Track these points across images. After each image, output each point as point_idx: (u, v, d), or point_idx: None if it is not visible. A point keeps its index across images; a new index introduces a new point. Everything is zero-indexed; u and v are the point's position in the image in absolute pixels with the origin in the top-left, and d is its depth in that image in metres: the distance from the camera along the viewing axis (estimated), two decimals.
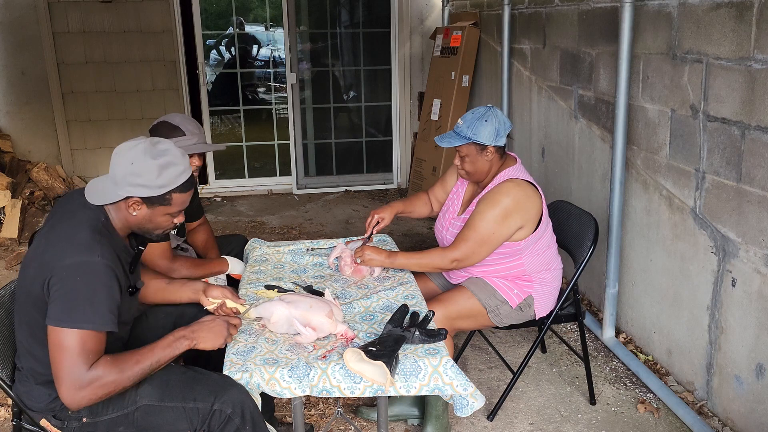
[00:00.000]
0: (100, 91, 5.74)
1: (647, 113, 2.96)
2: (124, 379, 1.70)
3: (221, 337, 1.86)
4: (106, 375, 1.67)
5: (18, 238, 4.79)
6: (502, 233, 2.35)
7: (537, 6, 4.10)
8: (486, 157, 2.40)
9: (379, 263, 2.41)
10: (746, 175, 2.36)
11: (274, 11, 6.34)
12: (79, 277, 1.67)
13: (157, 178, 1.76)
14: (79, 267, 1.68)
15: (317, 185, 6.32)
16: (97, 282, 1.68)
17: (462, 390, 1.86)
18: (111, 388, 1.69)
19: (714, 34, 2.48)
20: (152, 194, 1.78)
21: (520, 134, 4.55)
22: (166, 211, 1.84)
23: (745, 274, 2.42)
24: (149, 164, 1.75)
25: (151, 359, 1.75)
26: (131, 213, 1.81)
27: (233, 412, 1.79)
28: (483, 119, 2.35)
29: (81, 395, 1.66)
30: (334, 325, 1.95)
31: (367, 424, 2.65)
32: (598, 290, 3.56)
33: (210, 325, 1.86)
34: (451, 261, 2.39)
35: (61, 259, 1.69)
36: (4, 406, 2.79)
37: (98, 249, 1.71)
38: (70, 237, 1.73)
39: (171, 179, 1.79)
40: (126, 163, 1.76)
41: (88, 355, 1.66)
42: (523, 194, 2.37)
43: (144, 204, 1.80)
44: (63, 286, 1.67)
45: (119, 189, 1.77)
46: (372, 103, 6.38)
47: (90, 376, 1.65)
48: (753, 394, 2.42)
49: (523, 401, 2.81)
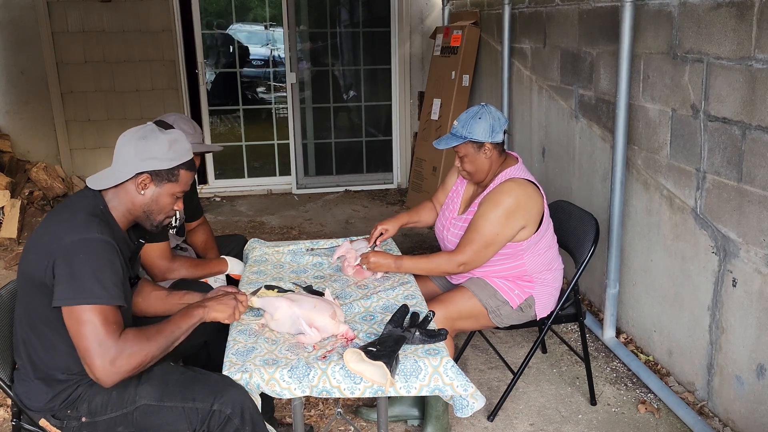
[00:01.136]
0: (99, 91, 5.74)
1: (648, 113, 2.96)
2: (152, 348, 1.73)
3: (230, 308, 1.92)
4: (136, 344, 1.70)
5: (17, 238, 4.79)
6: (506, 234, 2.35)
7: (537, 5, 4.09)
8: (485, 155, 2.39)
9: (385, 268, 2.41)
10: (747, 174, 2.36)
11: (273, 11, 6.33)
12: (81, 254, 1.69)
13: (168, 151, 1.84)
14: (79, 244, 1.69)
15: (317, 185, 6.31)
16: (100, 257, 1.70)
17: (462, 390, 1.85)
18: (141, 357, 1.70)
19: (715, 34, 2.47)
20: (164, 167, 1.83)
21: (520, 134, 4.55)
22: (172, 190, 1.88)
23: (746, 274, 2.41)
24: (160, 138, 1.83)
25: (172, 327, 1.80)
26: (139, 193, 1.84)
27: (233, 413, 1.78)
28: (477, 117, 2.36)
29: (117, 366, 1.66)
30: (336, 326, 1.95)
31: (367, 425, 2.64)
32: (598, 290, 3.55)
33: (220, 297, 1.96)
34: (458, 265, 2.38)
35: (60, 240, 1.70)
36: (4, 407, 2.79)
37: (96, 227, 1.73)
38: (67, 219, 1.76)
39: (180, 153, 1.87)
40: (136, 140, 1.83)
41: (113, 327, 1.67)
42: (524, 194, 2.36)
43: (152, 182, 1.84)
44: (66, 265, 1.67)
45: (131, 167, 1.82)
46: (372, 102, 6.38)
47: (120, 347, 1.67)
48: (754, 395, 2.42)
49: (524, 402, 2.81)
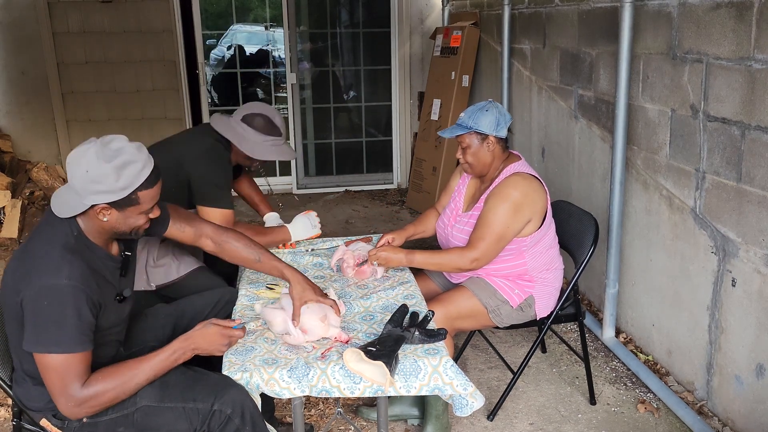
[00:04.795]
0: (100, 91, 5.74)
1: (647, 113, 2.96)
2: (121, 389, 1.73)
3: (215, 344, 1.84)
4: (103, 388, 1.70)
5: (18, 238, 4.79)
6: (515, 227, 2.37)
7: (537, 6, 4.10)
8: (487, 148, 2.42)
9: (396, 263, 2.40)
10: (746, 175, 2.36)
11: (274, 11, 6.33)
12: (46, 301, 1.65)
13: (117, 181, 1.68)
14: (45, 291, 1.65)
15: (317, 185, 6.31)
16: (64, 305, 1.65)
17: (462, 390, 1.86)
18: (110, 398, 1.72)
19: (714, 34, 2.48)
20: (117, 198, 1.70)
21: (520, 134, 4.55)
22: (137, 211, 1.77)
23: (745, 274, 2.42)
24: (104, 169, 1.67)
25: (147, 371, 1.77)
26: (102, 219, 1.74)
27: (233, 413, 1.79)
28: (484, 110, 2.41)
29: (81, 410, 1.69)
30: (326, 329, 1.95)
31: (367, 424, 2.65)
32: (598, 290, 3.55)
33: (203, 331, 1.84)
34: (471, 261, 2.38)
35: (28, 281, 1.67)
36: (4, 406, 2.79)
37: (66, 270, 1.66)
38: (40, 257, 1.70)
39: (132, 179, 1.71)
40: (81, 172, 1.68)
41: (76, 376, 1.67)
42: (530, 187, 2.39)
43: (113, 208, 1.73)
44: (32, 310, 1.65)
45: (83, 198, 1.70)
46: (372, 103, 6.38)
47: (85, 393, 1.68)
48: (753, 394, 2.42)
49: (523, 401, 2.81)
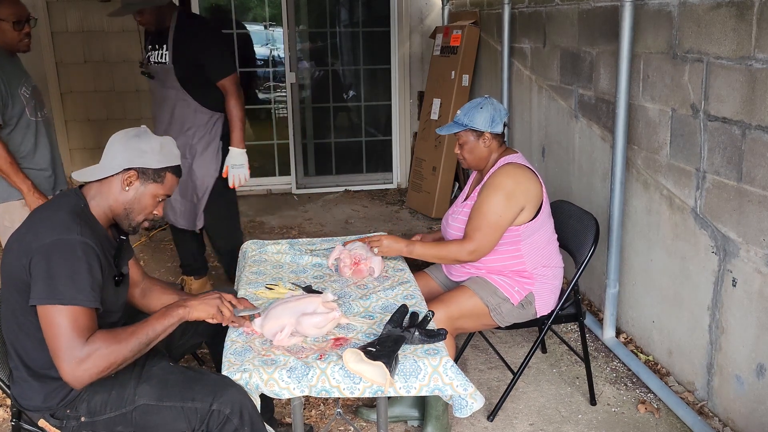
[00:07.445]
0: (98, 91, 5.73)
1: (648, 113, 2.96)
2: (122, 350, 1.71)
3: (213, 307, 1.89)
4: (104, 346, 1.68)
5: None
6: (508, 216, 2.40)
7: (537, 5, 4.09)
8: (483, 144, 2.48)
9: (396, 252, 2.46)
10: (747, 174, 2.36)
11: (273, 10, 6.32)
12: (58, 254, 1.69)
13: (159, 152, 1.87)
14: (57, 245, 1.69)
15: (317, 185, 6.31)
16: (77, 259, 1.70)
17: (462, 390, 1.85)
18: (111, 359, 1.69)
19: (714, 34, 2.47)
20: (153, 165, 1.85)
21: (520, 133, 4.55)
22: (156, 191, 1.89)
23: (746, 274, 2.41)
24: (152, 139, 1.88)
25: (146, 329, 1.78)
26: (123, 189, 1.85)
27: (232, 413, 1.78)
28: (478, 107, 2.46)
29: (82, 369, 1.66)
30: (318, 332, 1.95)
31: (367, 425, 2.64)
32: (598, 290, 3.55)
33: (202, 296, 1.94)
34: (469, 252, 2.41)
35: (39, 238, 1.71)
36: (3, 407, 2.79)
37: (77, 228, 1.73)
38: (48, 218, 1.77)
39: (170, 157, 1.90)
40: (128, 137, 1.86)
41: (82, 330, 1.67)
42: (523, 176, 2.43)
43: (138, 179, 1.85)
44: (43, 264, 1.68)
45: (118, 161, 1.84)
46: (372, 102, 6.37)
47: (87, 349, 1.66)
48: (754, 394, 2.42)
49: (524, 402, 2.80)
